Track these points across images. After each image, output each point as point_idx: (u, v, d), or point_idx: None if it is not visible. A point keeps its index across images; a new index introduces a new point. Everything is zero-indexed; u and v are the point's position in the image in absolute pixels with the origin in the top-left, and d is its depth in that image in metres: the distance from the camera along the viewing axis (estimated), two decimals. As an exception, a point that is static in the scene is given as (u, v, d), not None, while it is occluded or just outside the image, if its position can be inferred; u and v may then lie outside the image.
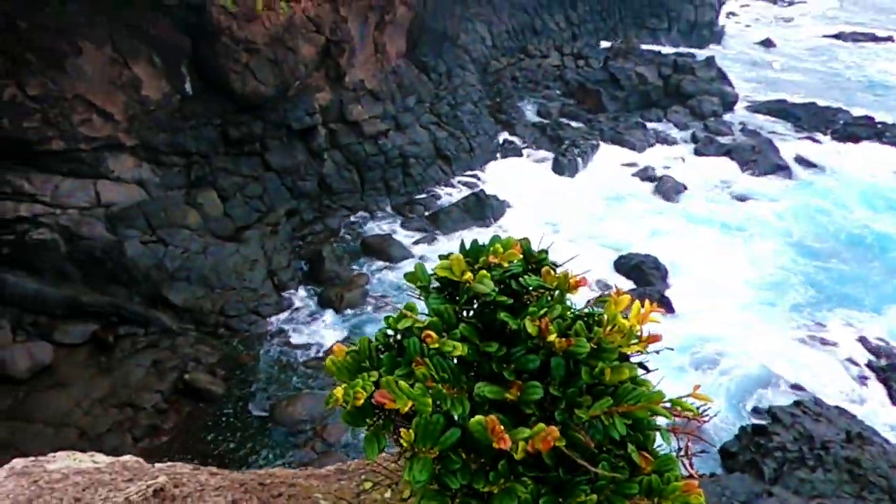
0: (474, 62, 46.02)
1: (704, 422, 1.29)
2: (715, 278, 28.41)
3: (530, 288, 1.30)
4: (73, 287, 24.35)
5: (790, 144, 42.86)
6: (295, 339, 24.22)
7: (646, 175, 38.00)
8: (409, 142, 34.11)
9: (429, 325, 1.22)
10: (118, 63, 26.20)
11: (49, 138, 24.84)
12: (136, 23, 26.10)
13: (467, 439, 1.10)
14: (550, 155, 38.57)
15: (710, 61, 50.85)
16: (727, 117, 46.47)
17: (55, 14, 24.29)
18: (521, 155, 38.48)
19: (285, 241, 28.26)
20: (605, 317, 1.25)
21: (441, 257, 1.39)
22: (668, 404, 1.27)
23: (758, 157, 39.91)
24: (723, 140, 42.57)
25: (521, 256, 1.37)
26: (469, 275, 1.26)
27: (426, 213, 32.15)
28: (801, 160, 41.06)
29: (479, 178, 35.83)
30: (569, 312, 1.30)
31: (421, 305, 1.40)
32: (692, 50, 57.95)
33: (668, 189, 36.53)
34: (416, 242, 30.01)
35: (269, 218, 28.81)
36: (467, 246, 1.42)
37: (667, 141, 42.67)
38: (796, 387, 22.80)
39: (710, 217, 34.32)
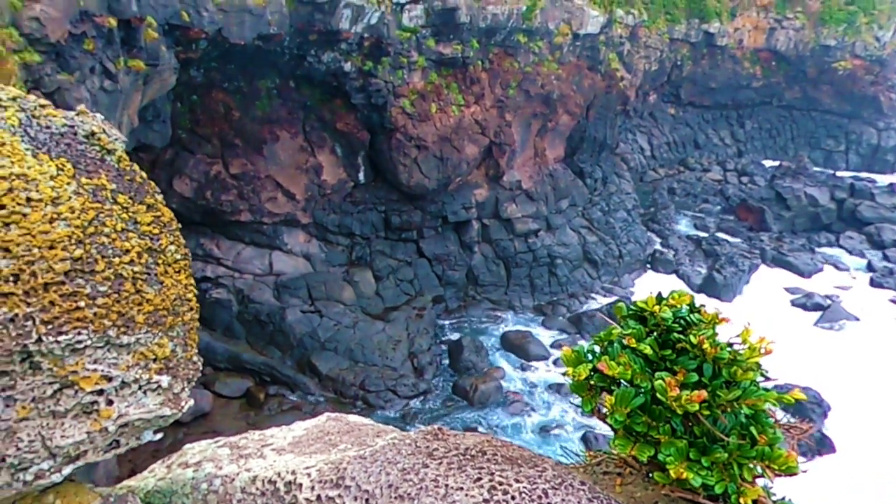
0: (631, 171, 46.41)
1: (811, 429, 1.72)
2: (887, 420, 25.32)
3: (693, 322, 1.78)
4: (237, 344, 26.85)
5: None
6: (424, 423, 24.66)
7: (811, 302, 35.34)
8: (558, 243, 34.65)
9: (629, 334, 1.73)
10: (306, 151, 29.65)
11: (240, 211, 28.34)
12: (326, 118, 29.61)
13: (647, 407, 1.57)
14: (703, 271, 37.25)
15: (893, 188, 47.27)
16: (911, 248, 42.43)
17: (262, 107, 28.25)
18: (673, 272, 37.34)
19: (429, 325, 29.35)
20: (740, 338, 1.71)
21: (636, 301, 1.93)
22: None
23: (948, 296, 35.80)
24: (905, 272, 38.78)
25: (688, 305, 1.88)
26: (656, 308, 1.77)
27: (568, 315, 32.04)
28: None
29: (625, 287, 35.32)
30: (716, 338, 1.78)
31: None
32: (872, 175, 54.26)
33: (836, 319, 33.63)
34: (554, 345, 29.85)
35: (416, 302, 30.22)
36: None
37: (838, 268, 39.68)
38: None
39: (886, 353, 30.94)
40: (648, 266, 37.79)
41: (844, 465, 21.84)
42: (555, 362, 28.62)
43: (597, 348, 2.02)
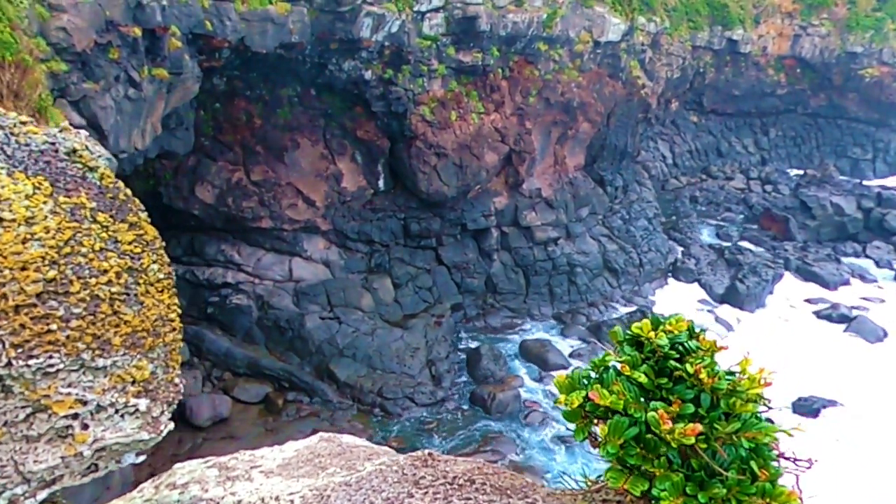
0: (652, 179, 45.99)
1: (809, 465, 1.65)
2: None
3: (691, 349, 1.71)
4: (256, 350, 27.01)
5: None
6: (441, 432, 24.54)
7: (837, 313, 34.65)
8: (578, 251, 34.41)
9: (624, 361, 1.67)
10: (326, 158, 29.81)
11: (261, 217, 28.55)
12: (347, 125, 29.76)
13: (642, 437, 1.52)
14: (726, 281, 36.70)
15: (922, 197, 46.22)
16: (942, 259, 41.46)
17: (284, 115, 28.49)
18: (695, 281, 36.77)
19: (447, 333, 29.27)
20: (739, 368, 1.64)
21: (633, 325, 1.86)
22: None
23: (980, 308, 34.88)
24: (935, 284, 37.88)
25: (687, 330, 1.81)
26: (652, 333, 1.71)
27: (588, 324, 31.76)
28: None
29: (645, 297, 34.94)
30: (715, 367, 1.70)
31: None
32: (901, 183, 53.18)
33: (863, 331, 32.92)
34: (573, 354, 29.60)
35: (434, 309, 30.16)
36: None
37: (865, 278, 38.89)
38: None
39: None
40: (670, 275, 37.35)
41: (872, 479, 21.31)
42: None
43: (593, 374, 1.95)
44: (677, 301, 34.87)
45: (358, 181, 30.62)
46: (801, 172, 52.53)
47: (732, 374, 1.83)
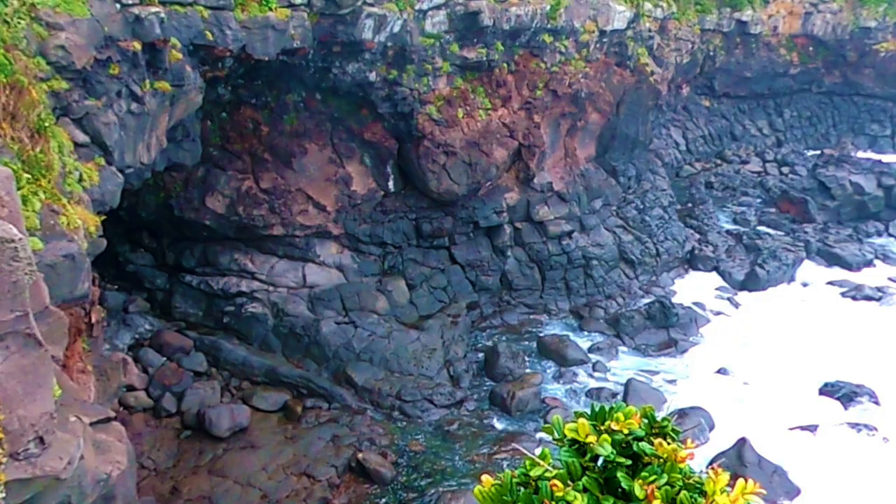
0: (666, 166, 45.34)
1: None
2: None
3: (646, 453, 1.39)
4: (273, 358, 26.93)
5: None
6: (463, 432, 24.31)
7: (862, 294, 33.93)
8: (593, 244, 33.98)
9: (556, 476, 1.34)
10: (334, 162, 29.66)
11: (272, 225, 28.48)
12: (354, 128, 29.58)
13: None
14: (745, 268, 36.06)
15: (944, 171, 45.15)
16: (968, 235, 40.47)
17: (291, 121, 28.38)
18: (713, 269, 36.10)
19: (464, 332, 29.03)
20: (707, 491, 1.31)
21: (576, 413, 1.53)
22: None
23: None
24: (962, 260, 36.96)
25: (646, 422, 1.47)
26: (592, 437, 1.39)
27: (606, 317, 31.35)
28: None
29: (664, 287, 34.41)
30: (679, 479, 1.36)
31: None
32: (922, 159, 51.98)
33: (893, 311, 32.18)
34: (592, 348, 29.21)
35: (450, 309, 29.92)
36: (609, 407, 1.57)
37: (889, 258, 38.03)
38: None
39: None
40: (687, 265, 36.78)
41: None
42: (594, 366, 28.02)
43: (529, 482, 1.54)
44: (696, 290, 34.34)
45: (367, 184, 30.44)
46: (819, 152, 51.55)
47: (700, 486, 1.39)
